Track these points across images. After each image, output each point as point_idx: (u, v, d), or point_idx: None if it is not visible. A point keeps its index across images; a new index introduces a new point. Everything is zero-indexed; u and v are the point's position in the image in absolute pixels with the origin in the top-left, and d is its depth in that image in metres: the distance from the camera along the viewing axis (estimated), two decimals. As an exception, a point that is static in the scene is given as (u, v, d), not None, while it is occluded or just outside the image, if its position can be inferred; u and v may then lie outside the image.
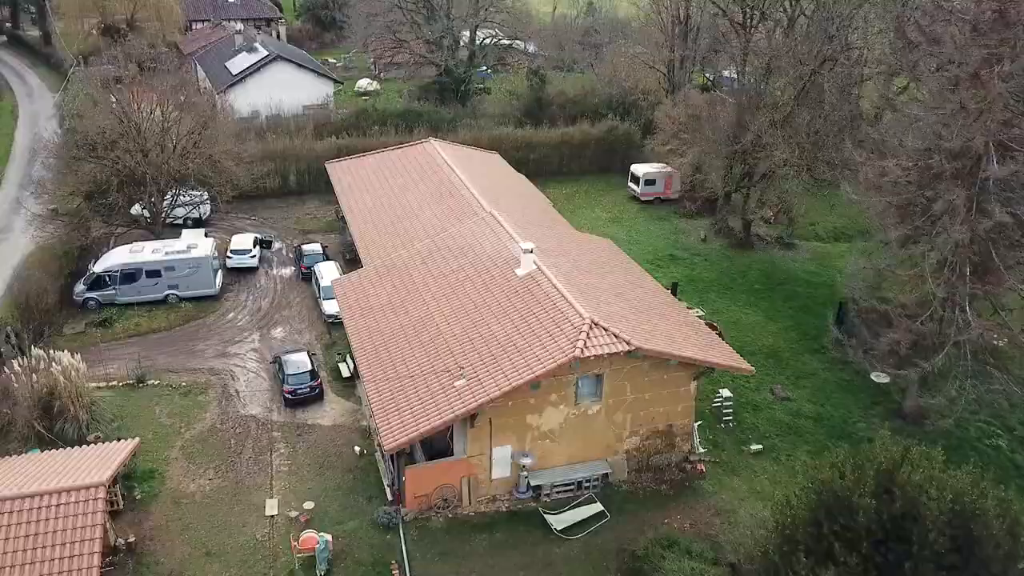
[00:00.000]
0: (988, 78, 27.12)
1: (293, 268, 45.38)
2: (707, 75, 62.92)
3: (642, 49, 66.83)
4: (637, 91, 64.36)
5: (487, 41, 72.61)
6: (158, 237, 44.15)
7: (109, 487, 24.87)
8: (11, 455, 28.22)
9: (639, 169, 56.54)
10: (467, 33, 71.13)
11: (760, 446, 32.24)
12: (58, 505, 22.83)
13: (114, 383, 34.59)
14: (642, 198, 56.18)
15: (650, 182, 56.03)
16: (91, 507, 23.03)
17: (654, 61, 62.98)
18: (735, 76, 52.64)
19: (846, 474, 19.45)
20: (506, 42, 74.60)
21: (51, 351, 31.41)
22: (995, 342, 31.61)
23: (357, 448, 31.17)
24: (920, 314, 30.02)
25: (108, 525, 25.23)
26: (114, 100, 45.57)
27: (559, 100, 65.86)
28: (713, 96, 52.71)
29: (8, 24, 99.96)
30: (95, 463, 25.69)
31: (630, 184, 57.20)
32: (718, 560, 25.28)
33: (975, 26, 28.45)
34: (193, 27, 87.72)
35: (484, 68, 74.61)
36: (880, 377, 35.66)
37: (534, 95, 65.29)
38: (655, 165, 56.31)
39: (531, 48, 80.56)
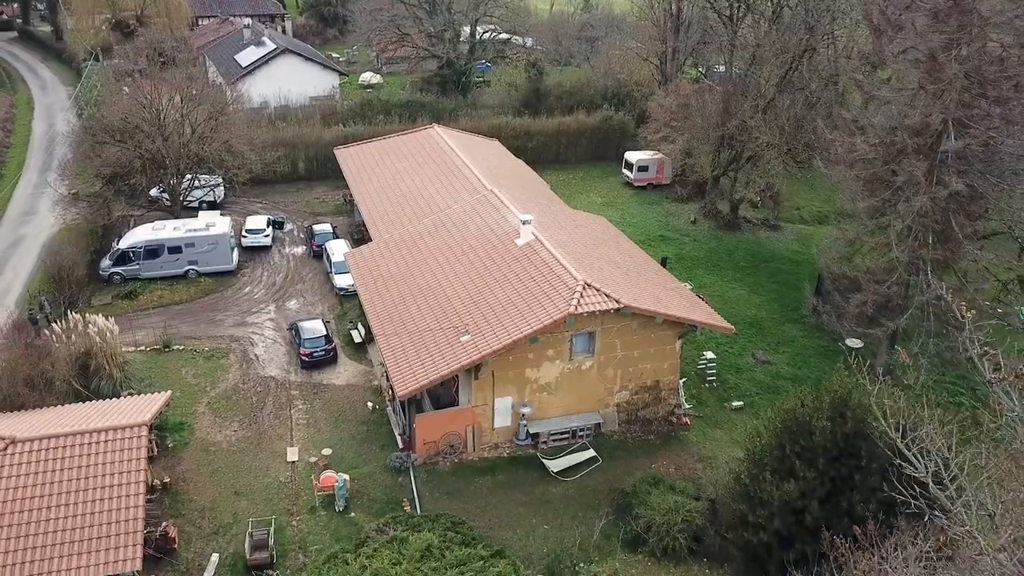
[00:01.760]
0: (945, 61, 29.79)
1: (304, 247, 48.01)
2: (700, 69, 65.63)
3: (636, 43, 69.59)
4: (631, 83, 67.14)
5: (486, 35, 75.31)
6: (176, 217, 46.76)
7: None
8: (53, 408, 30.82)
9: (632, 156, 59.22)
10: (467, 28, 73.82)
11: (741, 403, 34.94)
12: (106, 441, 25.42)
13: (142, 348, 37.24)
14: (635, 184, 58.86)
15: (643, 168, 58.71)
16: (135, 443, 25.62)
17: (647, 54, 65.66)
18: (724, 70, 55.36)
19: (806, 403, 22.15)
20: (504, 36, 77.31)
21: (86, 314, 34.01)
22: (962, 315, 34.23)
23: (369, 404, 33.84)
24: (887, 279, 32.73)
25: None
26: (126, 90, 48.30)
27: (556, 91, 68.62)
28: (702, 84, 55.39)
29: (19, 20, 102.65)
30: (133, 410, 28.29)
31: (624, 170, 59.88)
32: (699, 496, 27.94)
33: (935, 14, 31.13)
34: (199, 23, 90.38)
35: (484, 62, 77.31)
36: (854, 342, 38.37)
37: (532, 86, 67.95)
38: (648, 152, 58.97)
39: (529, 42, 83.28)
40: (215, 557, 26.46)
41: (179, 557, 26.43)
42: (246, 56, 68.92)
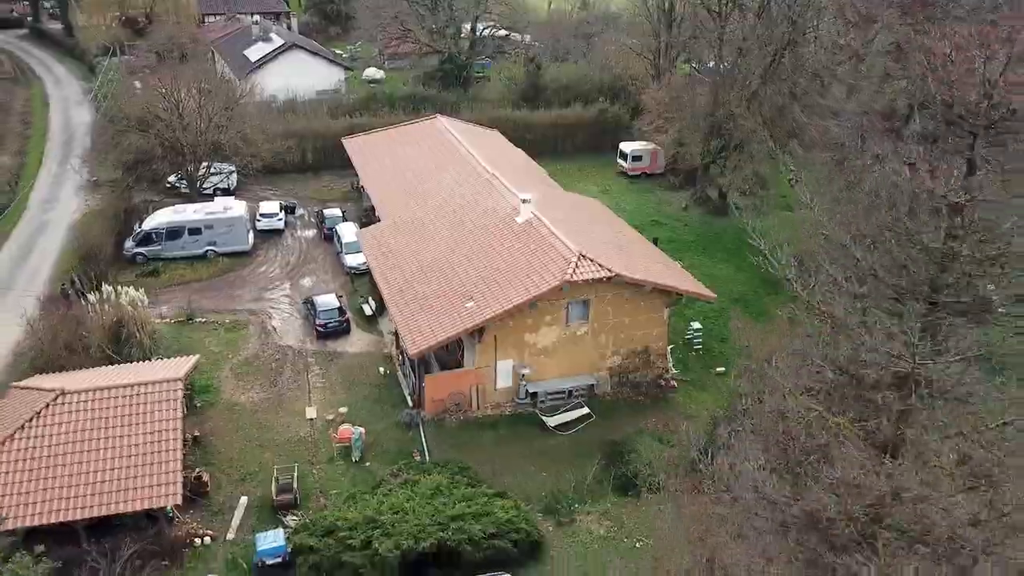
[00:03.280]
0: (909, 50, 32.52)
1: (315, 230, 50.68)
2: (693, 65, 68.33)
3: (631, 39, 72.27)
4: (626, 77, 69.77)
5: (487, 32, 78.08)
6: (194, 202, 49.37)
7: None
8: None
9: (627, 146, 61.96)
10: (468, 25, 76.62)
11: (724, 369, 37.64)
12: (146, 393, 28.10)
13: (167, 320, 39.91)
14: (630, 173, 61.58)
15: (637, 158, 61.43)
16: (172, 395, 28.33)
17: (641, 49, 68.37)
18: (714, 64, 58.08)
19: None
20: (504, 33, 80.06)
21: (118, 287, 36.68)
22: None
23: (381, 369, 36.55)
24: (858, 252, 35.45)
25: (179, 420, 30.42)
26: (138, 84, 50.95)
27: (554, 85, 71.29)
28: (693, 77, 58.12)
29: (29, 18, 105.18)
30: (167, 369, 30.97)
31: (619, 160, 62.59)
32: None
33: (903, 7, 33.90)
34: (206, 20, 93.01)
35: (484, 58, 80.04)
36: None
37: (531, 80, 70.63)
38: (642, 143, 61.70)
39: (528, 39, 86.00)
40: (244, 499, 29.14)
41: (211, 499, 29.11)
42: (255, 51, 71.51)
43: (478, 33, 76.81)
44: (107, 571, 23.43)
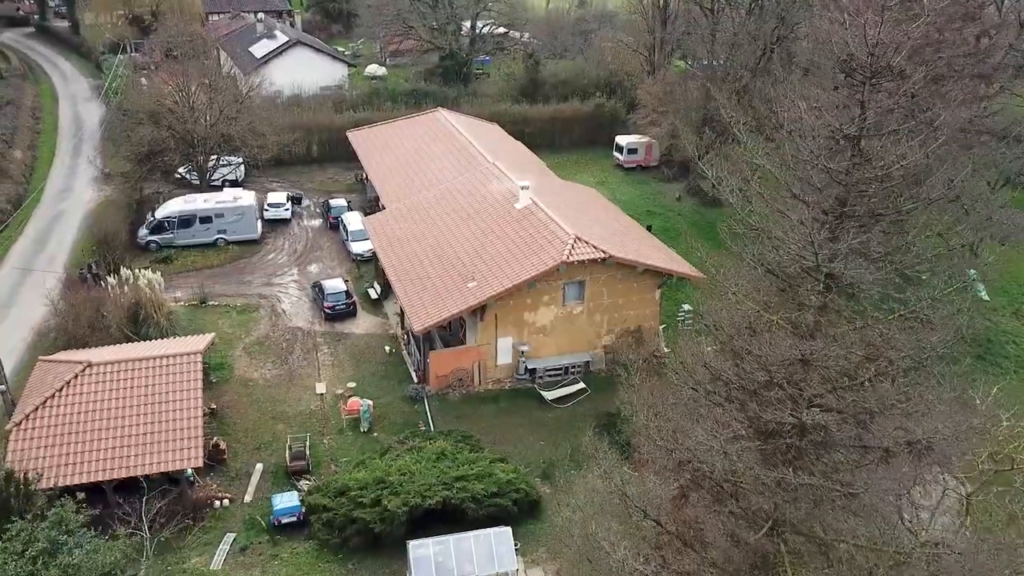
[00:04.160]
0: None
1: (321, 220, 52.48)
2: (688, 62, 70.20)
3: (627, 36, 74.17)
4: (622, 73, 71.65)
5: (486, 29, 79.98)
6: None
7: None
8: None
9: (623, 140, 63.80)
10: (467, 23, 78.53)
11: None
12: (169, 365, 29.93)
13: (181, 303, 41.71)
14: (625, 165, 63.41)
15: (632, 151, 63.28)
16: (193, 367, 30.17)
17: (637, 46, 70.22)
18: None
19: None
20: (503, 30, 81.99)
21: (135, 270, 38.47)
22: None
23: (387, 348, 38.37)
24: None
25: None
26: (144, 82, 52.71)
27: (552, 81, 73.15)
28: (687, 72, 59.97)
29: (36, 16, 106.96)
30: (186, 345, 32.76)
31: (615, 153, 64.43)
32: (674, 417, 32.45)
33: (883, 5, 35.62)
34: (209, 19, 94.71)
35: (483, 56, 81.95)
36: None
37: (530, 76, 72.48)
38: (637, 136, 63.53)
39: (526, 36, 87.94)
40: (259, 466, 30.96)
41: (228, 467, 30.93)
42: (260, 48, 73.25)
43: (478, 30, 78.68)
44: (136, 525, 25.17)
